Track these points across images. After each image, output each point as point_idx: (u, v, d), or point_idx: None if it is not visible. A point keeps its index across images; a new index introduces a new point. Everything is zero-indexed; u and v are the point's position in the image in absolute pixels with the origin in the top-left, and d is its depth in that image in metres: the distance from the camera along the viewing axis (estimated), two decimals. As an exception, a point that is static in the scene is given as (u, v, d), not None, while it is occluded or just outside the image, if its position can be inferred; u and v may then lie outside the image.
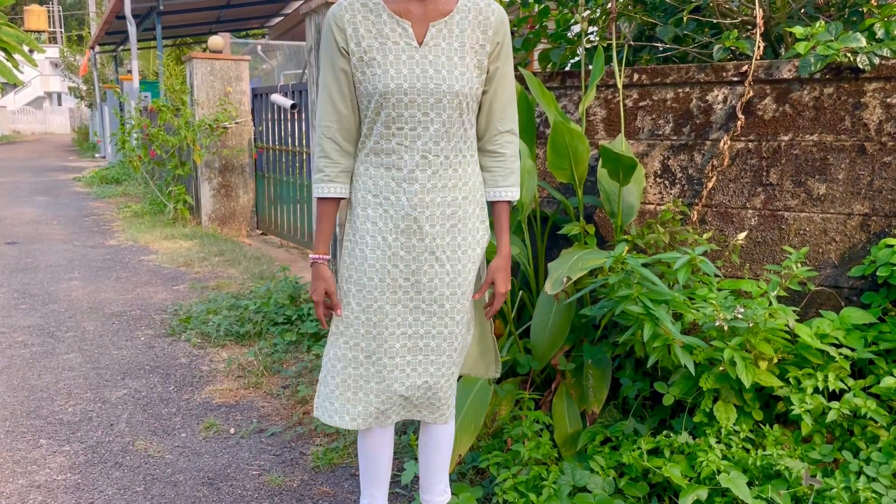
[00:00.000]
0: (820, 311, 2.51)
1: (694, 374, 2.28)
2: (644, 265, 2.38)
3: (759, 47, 2.67)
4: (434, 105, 1.88)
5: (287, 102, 7.09)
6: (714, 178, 2.78)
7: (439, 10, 1.89)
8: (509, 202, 2.06)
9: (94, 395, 3.53)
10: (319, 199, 2.01)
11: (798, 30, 2.59)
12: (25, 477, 2.77)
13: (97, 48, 19.30)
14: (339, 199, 2.01)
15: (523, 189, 2.78)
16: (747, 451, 2.26)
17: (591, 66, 2.94)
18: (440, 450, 2.21)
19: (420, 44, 1.89)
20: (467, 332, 2.08)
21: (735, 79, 2.72)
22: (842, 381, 2.27)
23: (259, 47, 14.89)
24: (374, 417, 2.02)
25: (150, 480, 2.74)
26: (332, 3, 4.35)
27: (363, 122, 1.97)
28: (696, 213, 2.84)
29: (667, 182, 2.93)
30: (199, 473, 2.79)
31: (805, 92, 2.59)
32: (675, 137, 2.89)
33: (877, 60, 2.44)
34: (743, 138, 2.73)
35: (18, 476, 2.77)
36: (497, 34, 1.94)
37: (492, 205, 2.07)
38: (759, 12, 2.75)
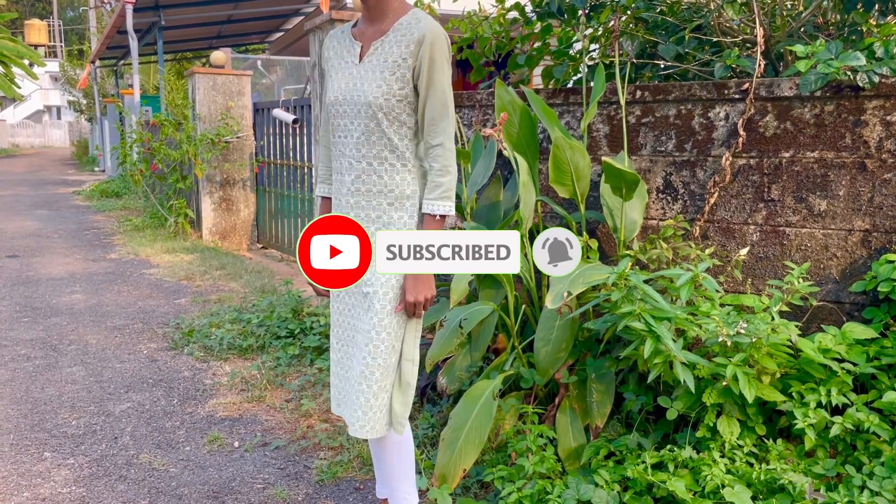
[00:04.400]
0: (822, 326, 2.54)
1: (694, 391, 2.29)
2: (646, 281, 2.40)
3: (759, 65, 2.71)
4: (356, 115, 2.08)
5: (289, 117, 7.13)
6: (716, 194, 2.81)
7: (381, 30, 2.09)
8: (433, 215, 2.08)
9: (97, 409, 3.54)
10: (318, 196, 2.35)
11: (799, 48, 2.62)
12: (30, 490, 2.77)
13: (97, 62, 19.38)
14: (326, 201, 2.32)
15: (522, 204, 2.81)
16: (751, 465, 2.28)
17: (593, 84, 2.97)
18: (382, 463, 2.30)
19: (360, 60, 2.10)
20: (390, 352, 2.08)
21: (736, 96, 2.75)
22: (844, 395, 2.29)
23: (259, 62, 14.98)
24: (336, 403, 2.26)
25: (155, 494, 2.75)
26: (336, 20, 4.41)
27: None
28: (698, 228, 2.87)
29: (669, 197, 2.96)
30: (203, 487, 2.80)
31: (806, 109, 2.63)
32: (677, 153, 2.92)
33: (876, 79, 2.47)
34: (744, 155, 2.76)
35: (23, 489, 2.78)
36: (421, 50, 2.02)
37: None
38: (759, 31, 2.79)
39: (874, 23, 3.11)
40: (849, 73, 2.49)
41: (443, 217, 2.08)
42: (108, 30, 13.52)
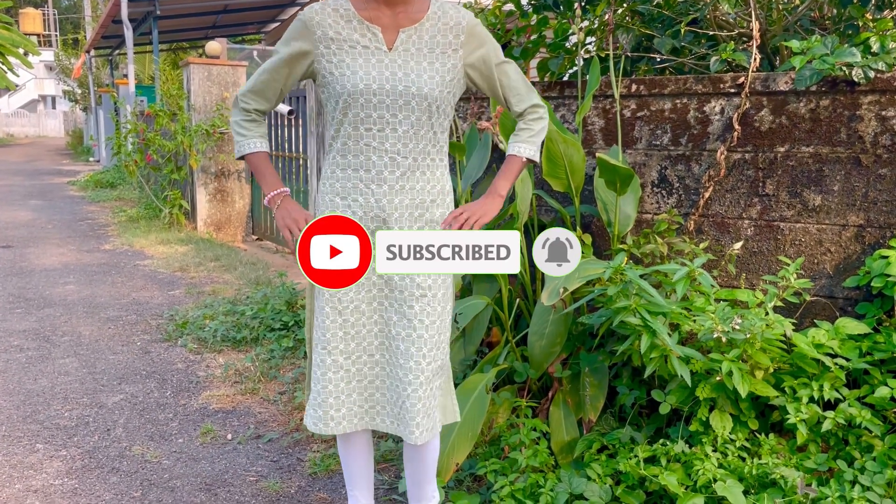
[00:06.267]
0: (815, 321, 2.54)
1: (690, 384, 2.30)
2: (641, 276, 2.40)
3: (755, 59, 2.70)
4: (402, 107, 1.93)
5: (284, 108, 7.10)
6: (710, 189, 2.81)
7: (410, 17, 1.96)
8: (521, 159, 2.09)
9: (90, 400, 3.53)
10: (248, 156, 2.09)
11: (794, 44, 2.62)
12: (22, 482, 2.76)
13: (92, 52, 19.28)
14: (265, 153, 2.11)
15: (518, 198, 2.80)
16: (743, 459, 2.28)
17: (588, 77, 2.96)
18: (423, 464, 2.19)
19: (390, 49, 1.95)
20: (437, 351, 2.03)
21: (732, 90, 2.75)
22: (837, 390, 2.29)
23: (255, 53, 14.90)
24: (360, 418, 2.05)
25: (148, 486, 2.74)
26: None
27: (329, 125, 2.03)
28: (692, 222, 2.86)
29: (664, 192, 2.95)
30: (196, 479, 2.80)
31: (801, 104, 2.62)
32: (672, 147, 2.92)
33: (872, 74, 2.47)
34: (739, 149, 2.75)
35: (15, 481, 2.77)
36: (472, 37, 1.99)
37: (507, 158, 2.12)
38: (755, 25, 2.78)
39: (870, 17, 3.11)
40: (844, 68, 2.49)
41: (529, 161, 2.10)
42: (102, 19, 13.45)
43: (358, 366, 2.03)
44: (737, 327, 2.26)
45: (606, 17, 3.29)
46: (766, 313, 2.35)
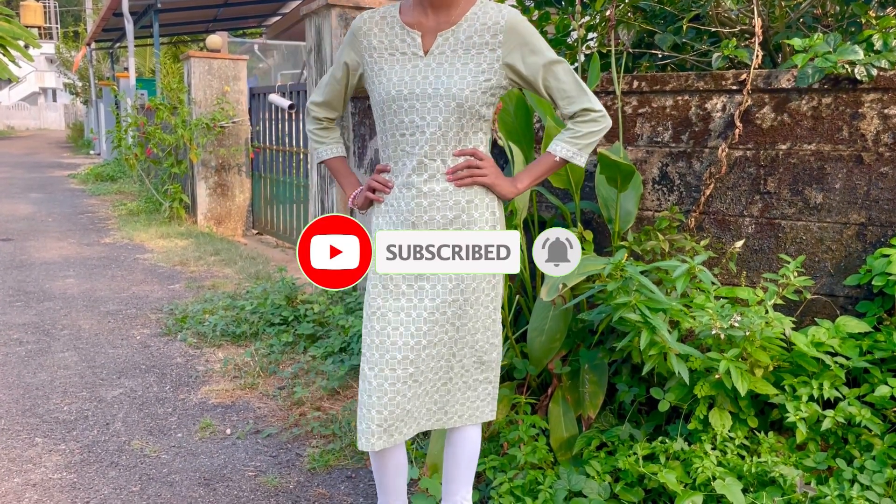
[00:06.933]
0: (815, 319, 2.53)
1: (689, 382, 2.29)
2: (642, 272, 2.40)
3: (757, 56, 2.69)
4: (431, 109, 1.93)
5: (285, 103, 7.09)
6: (712, 186, 2.80)
7: (449, 21, 1.96)
8: (553, 158, 2.02)
9: (89, 394, 3.53)
10: (325, 161, 2.24)
11: (797, 41, 2.61)
12: (21, 476, 2.76)
13: (93, 45, 19.25)
14: (342, 158, 2.24)
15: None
16: (742, 457, 2.28)
17: (588, 73, 2.95)
18: (454, 459, 2.20)
19: (426, 53, 1.95)
20: (473, 349, 2.06)
21: (734, 87, 2.74)
22: (836, 389, 2.29)
23: (256, 46, 14.90)
24: (378, 437, 1.94)
25: (146, 480, 2.74)
26: (333, 5, 4.36)
27: (378, 134, 2.07)
28: (693, 220, 2.86)
29: (665, 189, 2.95)
30: (195, 474, 2.80)
31: (803, 102, 2.61)
32: (673, 144, 2.91)
33: (874, 72, 2.46)
34: (741, 146, 2.75)
35: (14, 475, 2.77)
36: (512, 36, 1.93)
37: None
38: (757, 21, 2.77)
39: (873, 15, 3.10)
40: (847, 66, 2.48)
41: (563, 160, 2.02)
42: (103, 12, 13.44)
43: (379, 380, 1.95)
44: (736, 325, 2.25)
45: (608, 12, 3.28)
46: (766, 311, 2.34)
